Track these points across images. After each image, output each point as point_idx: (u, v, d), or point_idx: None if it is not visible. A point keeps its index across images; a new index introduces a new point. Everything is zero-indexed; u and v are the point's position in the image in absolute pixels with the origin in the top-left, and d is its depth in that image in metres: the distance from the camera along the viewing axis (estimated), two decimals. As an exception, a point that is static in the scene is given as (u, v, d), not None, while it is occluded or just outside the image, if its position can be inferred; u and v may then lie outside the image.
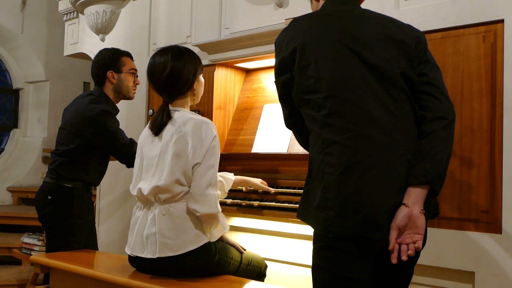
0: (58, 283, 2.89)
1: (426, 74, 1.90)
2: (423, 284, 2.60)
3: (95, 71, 3.33)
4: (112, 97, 3.35)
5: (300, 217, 1.95)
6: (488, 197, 2.45)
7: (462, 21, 2.58)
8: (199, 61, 2.67)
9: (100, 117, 3.11)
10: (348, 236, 1.75)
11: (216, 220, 2.50)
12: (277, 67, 1.99)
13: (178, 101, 2.62)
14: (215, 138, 2.49)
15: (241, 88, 3.74)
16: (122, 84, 3.33)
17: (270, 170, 3.21)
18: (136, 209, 2.62)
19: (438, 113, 1.83)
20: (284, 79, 1.96)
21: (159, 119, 2.54)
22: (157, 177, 2.48)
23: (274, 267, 3.12)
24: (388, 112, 1.80)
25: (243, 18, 3.60)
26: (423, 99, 1.88)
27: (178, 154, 2.44)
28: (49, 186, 3.24)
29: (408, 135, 1.82)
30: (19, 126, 7.05)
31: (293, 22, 1.98)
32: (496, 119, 2.46)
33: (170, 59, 2.56)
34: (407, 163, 1.78)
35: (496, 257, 2.41)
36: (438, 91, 1.87)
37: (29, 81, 7.04)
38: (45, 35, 6.93)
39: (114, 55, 3.33)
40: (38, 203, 3.27)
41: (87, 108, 3.16)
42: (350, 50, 1.84)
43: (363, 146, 1.75)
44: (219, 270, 2.56)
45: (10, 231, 5.73)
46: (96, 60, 3.34)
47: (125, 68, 3.33)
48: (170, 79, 2.55)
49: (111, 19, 4.55)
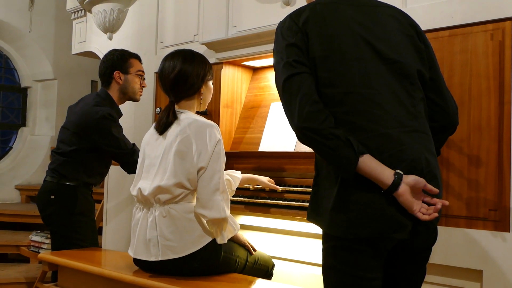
0: (66, 281, 2.90)
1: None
2: (431, 282, 2.59)
3: (103, 71, 3.35)
4: (117, 98, 3.36)
5: (310, 219, 1.89)
6: (496, 195, 2.44)
7: (470, 19, 2.56)
8: (210, 67, 2.68)
9: (105, 121, 3.13)
10: (370, 237, 1.71)
11: (225, 222, 2.49)
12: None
13: (184, 102, 2.62)
14: (219, 141, 2.48)
15: (248, 86, 3.74)
16: (129, 86, 3.35)
17: (277, 169, 3.21)
18: (135, 210, 2.62)
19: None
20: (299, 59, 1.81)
21: (164, 118, 2.54)
22: (159, 177, 2.48)
23: (281, 266, 3.12)
24: (405, 110, 1.77)
25: (250, 16, 3.59)
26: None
27: (182, 155, 2.44)
28: (51, 185, 3.25)
29: (425, 133, 1.80)
30: (27, 124, 7.08)
31: (310, 7, 1.87)
32: (504, 117, 2.44)
33: (181, 61, 2.58)
34: (426, 162, 1.76)
35: (505, 255, 2.40)
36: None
37: (37, 80, 7.07)
38: (53, 34, 6.95)
39: (123, 56, 3.35)
40: (41, 203, 3.28)
41: (92, 111, 3.17)
42: (367, 43, 1.80)
43: (383, 146, 1.72)
44: (225, 268, 2.56)
45: (19, 229, 5.76)
46: (104, 60, 3.37)
47: (132, 70, 3.35)
48: (177, 79, 2.56)
49: (119, 18, 4.56)
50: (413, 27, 1.93)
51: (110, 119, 3.15)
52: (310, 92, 1.74)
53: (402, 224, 1.70)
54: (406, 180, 1.67)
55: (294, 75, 1.76)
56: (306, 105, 1.71)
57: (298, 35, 1.80)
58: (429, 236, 1.83)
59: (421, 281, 1.94)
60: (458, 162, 2.56)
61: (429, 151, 1.79)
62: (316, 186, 1.88)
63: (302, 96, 1.73)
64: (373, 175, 1.68)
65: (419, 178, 1.69)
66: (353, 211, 1.71)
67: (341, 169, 1.71)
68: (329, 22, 1.82)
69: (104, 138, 3.15)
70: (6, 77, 7.01)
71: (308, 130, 1.70)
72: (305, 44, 1.79)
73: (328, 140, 1.68)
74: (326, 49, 1.78)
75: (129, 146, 3.20)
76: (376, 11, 1.89)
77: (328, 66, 1.77)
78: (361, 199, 1.71)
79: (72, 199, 3.21)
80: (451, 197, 2.54)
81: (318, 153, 1.78)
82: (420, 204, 1.69)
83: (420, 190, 1.70)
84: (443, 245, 2.54)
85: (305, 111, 1.71)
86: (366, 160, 1.68)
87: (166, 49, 4.17)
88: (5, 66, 6.98)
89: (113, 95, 3.34)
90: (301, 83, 1.75)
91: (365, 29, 1.82)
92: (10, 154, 6.88)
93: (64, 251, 3.07)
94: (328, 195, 1.78)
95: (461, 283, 2.54)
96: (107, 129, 3.13)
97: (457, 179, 2.54)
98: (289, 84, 1.77)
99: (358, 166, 1.67)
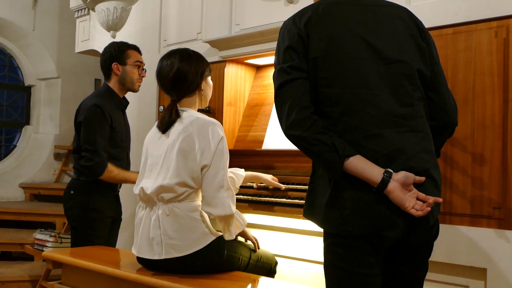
0: (70, 279, 2.91)
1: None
2: (434, 280, 2.59)
3: (102, 63, 3.42)
4: (118, 89, 3.40)
5: (306, 216, 1.92)
6: (500, 193, 2.44)
7: (474, 17, 2.56)
8: (207, 64, 2.70)
9: (88, 112, 3.19)
10: (363, 234, 1.73)
11: (231, 219, 2.50)
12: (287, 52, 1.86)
13: (185, 100, 2.62)
14: (222, 139, 2.48)
15: (251, 84, 3.74)
16: (127, 76, 3.38)
17: (281, 167, 3.21)
18: (138, 209, 2.63)
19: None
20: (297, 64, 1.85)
21: (167, 117, 2.55)
22: (162, 176, 2.48)
23: (285, 264, 3.12)
24: (403, 110, 1.78)
25: (253, 14, 3.59)
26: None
27: (185, 154, 2.44)
28: (72, 182, 3.36)
29: (423, 133, 1.81)
30: (31, 123, 7.08)
31: (311, 8, 1.89)
32: (508, 115, 2.44)
33: (178, 59, 2.59)
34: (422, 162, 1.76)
35: (509, 253, 2.39)
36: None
37: (40, 78, 7.07)
38: (57, 32, 6.95)
39: (120, 48, 3.39)
40: (64, 199, 3.38)
41: (84, 104, 3.27)
42: (366, 43, 1.81)
43: (378, 146, 1.73)
44: (229, 266, 2.56)
45: (23, 227, 5.78)
46: (103, 53, 3.43)
47: (130, 61, 3.39)
48: (176, 77, 2.57)
49: (122, 16, 4.56)
50: (416, 25, 1.93)
51: (95, 110, 3.19)
52: (299, 99, 1.79)
53: (393, 222, 1.72)
54: (396, 177, 1.69)
55: (287, 82, 1.82)
56: (293, 113, 1.77)
57: (295, 37, 1.83)
58: (428, 232, 1.83)
59: (423, 277, 1.94)
60: (462, 160, 2.55)
61: (426, 150, 1.79)
62: (312, 183, 1.91)
63: (291, 104, 1.79)
64: (362, 174, 1.71)
65: (409, 173, 1.71)
66: (346, 208, 1.74)
67: (328, 172, 1.77)
68: (330, 23, 1.84)
69: (82, 126, 3.20)
70: (10, 75, 7.01)
71: (293, 137, 1.79)
72: (303, 46, 1.82)
73: (313, 146, 1.75)
74: (326, 50, 1.80)
75: (97, 146, 3.17)
76: (380, 10, 1.89)
77: (327, 67, 1.80)
78: (353, 196, 1.73)
79: (86, 194, 3.27)
80: (455, 195, 2.54)
81: (307, 156, 1.83)
82: (413, 201, 1.70)
83: (411, 186, 1.71)
84: (447, 243, 2.53)
85: (291, 118, 1.78)
86: (354, 161, 1.71)
87: (169, 47, 4.17)
88: (9, 64, 6.98)
89: (114, 87, 3.40)
90: (292, 91, 1.81)
91: (366, 29, 1.83)
92: (14, 152, 6.88)
93: (67, 249, 3.09)
94: (323, 193, 1.81)
95: (465, 281, 2.54)
96: (88, 119, 3.19)
97: (461, 177, 2.53)
98: (281, 92, 1.83)
99: (346, 168, 1.72)
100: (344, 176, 1.74)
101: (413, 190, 1.71)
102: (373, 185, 1.70)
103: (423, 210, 1.69)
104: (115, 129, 3.30)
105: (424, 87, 1.88)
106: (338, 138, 1.75)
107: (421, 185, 1.73)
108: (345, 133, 1.76)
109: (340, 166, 1.72)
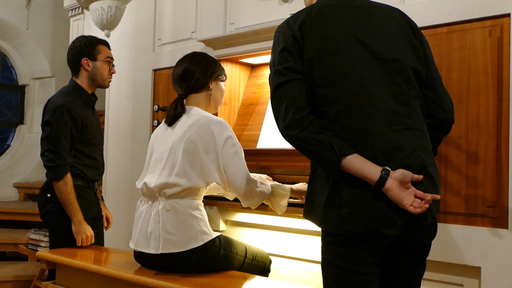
0: (64, 279, 2.90)
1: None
2: (429, 279, 2.59)
3: (70, 58, 3.30)
4: (87, 85, 3.29)
5: (306, 216, 1.92)
6: (495, 192, 2.45)
7: (468, 16, 2.56)
8: (220, 67, 2.74)
9: (53, 113, 3.09)
10: (362, 232, 1.74)
11: (271, 197, 2.62)
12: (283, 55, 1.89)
13: (192, 96, 2.66)
14: (230, 137, 2.50)
15: (246, 83, 3.74)
16: (97, 72, 3.28)
17: (276, 166, 3.21)
18: (139, 203, 2.64)
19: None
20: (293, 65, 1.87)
21: (172, 111, 2.59)
22: (166, 172, 2.49)
23: (279, 263, 3.12)
24: (399, 108, 1.79)
25: (248, 13, 3.59)
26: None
27: (190, 152, 2.46)
28: (48, 184, 3.18)
29: (420, 131, 1.81)
30: (25, 122, 7.06)
31: (305, 12, 1.91)
32: (502, 113, 2.44)
33: (190, 59, 2.68)
34: (419, 160, 1.77)
35: (503, 252, 2.40)
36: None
37: (34, 77, 7.05)
38: (51, 31, 6.93)
39: (90, 43, 3.29)
40: (39, 202, 3.26)
41: (50, 104, 3.17)
42: (360, 43, 1.82)
43: (376, 145, 1.74)
44: (224, 265, 2.57)
45: (17, 227, 5.75)
46: (71, 47, 3.31)
47: (100, 56, 3.28)
48: (184, 73, 2.64)
49: (116, 15, 4.54)
50: (409, 24, 1.94)
51: (61, 111, 3.08)
52: (295, 99, 1.81)
53: (392, 220, 1.72)
54: (394, 175, 1.70)
55: (283, 84, 1.84)
56: (290, 113, 1.79)
57: (290, 39, 1.86)
58: (427, 230, 1.84)
59: (421, 276, 1.95)
60: (457, 159, 2.56)
61: (424, 148, 1.80)
62: (311, 183, 1.92)
63: (288, 104, 1.80)
64: (359, 173, 1.72)
65: (406, 171, 1.71)
66: (344, 207, 1.74)
67: (325, 171, 1.78)
68: (324, 24, 1.85)
69: (47, 126, 3.11)
70: (4, 75, 6.99)
71: (290, 137, 1.80)
72: (298, 48, 1.84)
73: (311, 146, 1.75)
74: (321, 50, 1.82)
75: (60, 147, 3.07)
76: (373, 11, 1.91)
77: (323, 66, 1.81)
78: (352, 195, 1.74)
79: None
80: (449, 194, 2.54)
81: (305, 155, 1.84)
82: (411, 198, 1.70)
83: (409, 184, 1.71)
84: (442, 242, 2.54)
85: (288, 119, 1.79)
86: (351, 160, 1.72)
87: (163, 46, 4.17)
88: (2, 63, 6.96)
89: (82, 83, 3.28)
90: (288, 91, 1.82)
91: (360, 29, 1.85)
92: (8, 152, 6.86)
93: (62, 249, 3.06)
94: (322, 192, 1.82)
95: (459, 279, 2.54)
96: (53, 119, 3.08)
97: (456, 176, 2.54)
98: (277, 93, 1.85)
99: (343, 166, 1.72)
100: (342, 175, 1.74)
101: (411, 188, 1.71)
102: (371, 183, 1.71)
103: (421, 208, 1.69)
104: (86, 127, 3.19)
105: (419, 86, 1.88)
106: (335, 137, 1.75)
107: (419, 183, 1.74)
108: (342, 132, 1.77)
109: (337, 164, 1.72)
